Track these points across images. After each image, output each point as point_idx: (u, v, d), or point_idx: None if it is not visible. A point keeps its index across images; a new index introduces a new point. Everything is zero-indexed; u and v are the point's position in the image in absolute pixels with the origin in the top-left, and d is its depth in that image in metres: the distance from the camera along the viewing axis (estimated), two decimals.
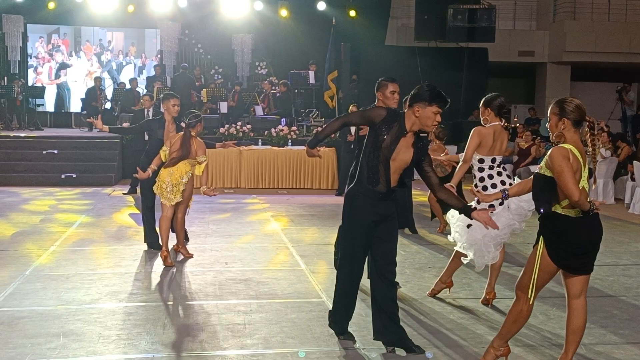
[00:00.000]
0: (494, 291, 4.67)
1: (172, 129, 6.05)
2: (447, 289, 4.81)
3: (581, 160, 3.21)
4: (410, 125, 3.54)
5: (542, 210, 3.23)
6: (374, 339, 3.74)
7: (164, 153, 5.77)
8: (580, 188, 3.18)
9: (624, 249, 6.84)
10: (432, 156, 3.71)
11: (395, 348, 3.69)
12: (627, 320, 4.42)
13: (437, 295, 4.87)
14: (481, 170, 4.49)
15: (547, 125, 3.38)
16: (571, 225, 3.21)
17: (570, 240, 3.22)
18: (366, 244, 3.64)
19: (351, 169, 4.70)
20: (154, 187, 5.84)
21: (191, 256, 6.02)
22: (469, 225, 4.34)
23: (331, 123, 3.78)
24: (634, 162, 10.01)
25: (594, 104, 17.00)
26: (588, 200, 3.22)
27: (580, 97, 3.34)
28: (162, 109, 6.22)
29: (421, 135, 3.60)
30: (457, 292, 4.96)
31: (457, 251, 4.57)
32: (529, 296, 3.29)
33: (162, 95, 6.50)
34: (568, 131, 3.23)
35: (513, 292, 3.42)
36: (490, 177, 4.47)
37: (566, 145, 3.21)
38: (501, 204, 4.23)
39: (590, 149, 3.29)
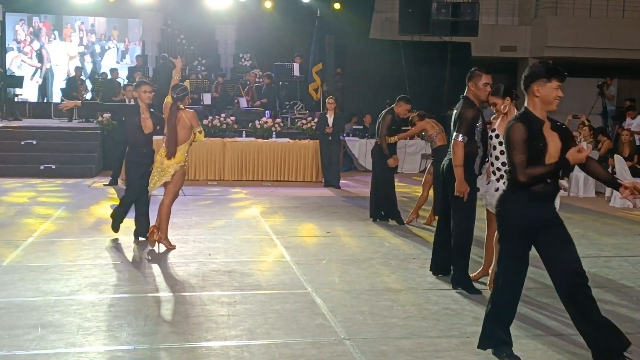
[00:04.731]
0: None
1: (147, 115, 6.09)
2: None
3: None
4: (539, 111, 3.25)
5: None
6: None
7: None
8: None
9: (606, 241, 6.92)
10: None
11: None
12: (610, 311, 4.44)
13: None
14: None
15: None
16: None
17: None
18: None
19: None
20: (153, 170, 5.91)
21: (174, 248, 5.93)
22: None
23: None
24: (615, 155, 10.14)
25: (575, 98, 17.15)
26: None
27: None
28: (134, 95, 6.27)
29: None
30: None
31: None
32: None
33: (134, 83, 6.56)
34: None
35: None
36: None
37: None
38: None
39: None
